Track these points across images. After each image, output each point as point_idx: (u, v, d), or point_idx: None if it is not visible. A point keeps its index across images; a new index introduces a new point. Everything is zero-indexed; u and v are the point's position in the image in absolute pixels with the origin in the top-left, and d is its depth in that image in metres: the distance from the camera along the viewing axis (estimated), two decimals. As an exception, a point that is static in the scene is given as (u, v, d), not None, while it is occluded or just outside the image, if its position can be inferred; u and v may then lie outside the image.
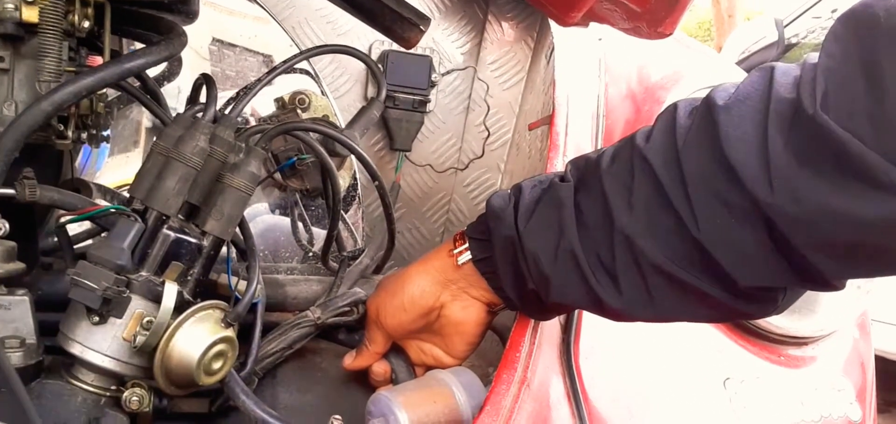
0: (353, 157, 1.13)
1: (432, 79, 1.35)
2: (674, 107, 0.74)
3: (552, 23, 1.20)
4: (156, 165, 0.81)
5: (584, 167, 0.81)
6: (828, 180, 0.60)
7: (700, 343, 1.05)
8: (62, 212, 0.86)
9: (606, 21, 1.06)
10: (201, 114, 0.87)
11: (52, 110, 0.76)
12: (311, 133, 0.93)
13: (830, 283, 0.67)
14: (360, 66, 1.33)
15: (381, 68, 1.27)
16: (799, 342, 1.12)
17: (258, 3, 1.20)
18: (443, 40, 1.36)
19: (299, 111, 1.04)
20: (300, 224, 1.17)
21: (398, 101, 1.32)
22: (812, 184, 0.61)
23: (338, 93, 1.30)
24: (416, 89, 1.33)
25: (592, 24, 1.10)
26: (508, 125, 1.39)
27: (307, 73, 1.24)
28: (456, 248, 0.90)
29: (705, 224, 0.68)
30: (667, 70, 1.27)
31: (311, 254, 1.17)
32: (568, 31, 1.21)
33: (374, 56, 1.32)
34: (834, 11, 3.62)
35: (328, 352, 1.05)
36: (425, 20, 0.97)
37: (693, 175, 0.68)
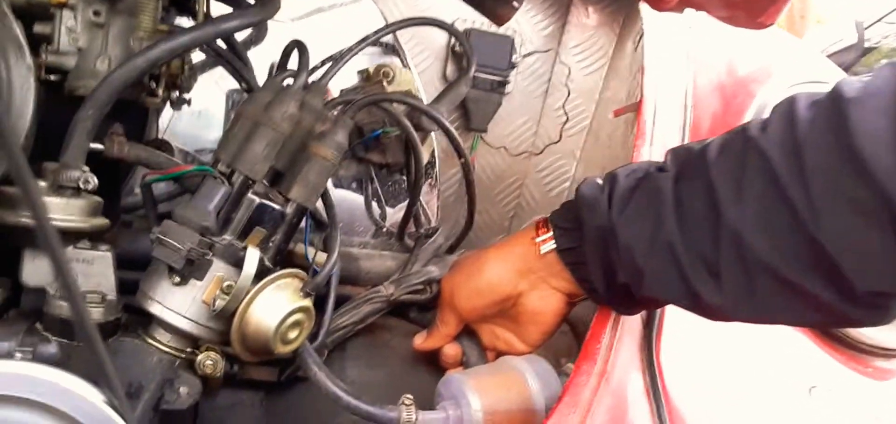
0: (432, 136, 1.11)
1: (513, 60, 1.32)
2: (792, 98, 0.69)
3: (644, 7, 1.16)
4: (243, 129, 0.81)
5: (686, 157, 0.77)
6: None
7: (786, 348, 1.00)
8: (146, 171, 0.86)
9: (703, 7, 1.02)
10: (291, 81, 0.86)
11: (147, 67, 0.76)
12: (398, 106, 0.92)
13: None
14: (441, 42, 1.31)
15: (464, 52, 1.24)
16: (889, 353, 1.06)
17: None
18: (525, 21, 1.33)
19: (384, 84, 1.03)
20: (374, 201, 1.16)
21: (478, 80, 1.29)
22: None
23: (418, 68, 1.28)
24: (497, 69, 1.31)
25: (687, 11, 1.06)
26: (587, 111, 1.36)
27: (391, 47, 1.23)
28: (539, 235, 0.87)
29: (827, 222, 0.64)
30: (757, 64, 1.22)
31: (384, 230, 1.16)
32: (657, 18, 1.17)
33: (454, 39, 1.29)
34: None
35: (399, 330, 1.04)
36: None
37: (816, 169, 0.64)
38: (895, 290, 0.65)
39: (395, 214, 1.22)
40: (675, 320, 0.92)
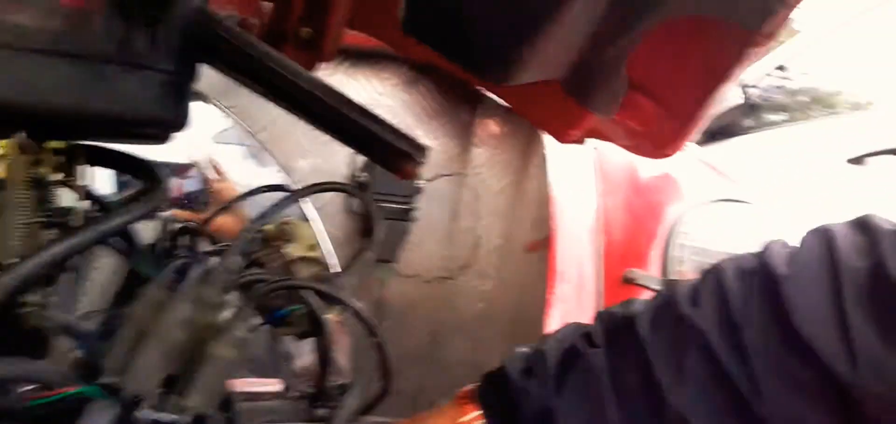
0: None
1: (418, 186, 1.29)
2: (718, 271, 0.68)
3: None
4: (131, 335, 0.73)
5: (615, 330, 0.73)
6: None
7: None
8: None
9: (606, 138, 1.01)
10: (185, 269, 0.79)
11: (15, 286, 0.68)
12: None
13: None
14: (342, 171, 1.27)
15: (368, 175, 1.21)
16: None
17: (236, 120, 1.13)
18: (428, 144, 1.30)
19: (285, 246, 0.97)
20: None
21: (384, 210, 1.26)
22: None
23: (319, 200, 1.23)
24: (402, 198, 1.27)
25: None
26: (498, 230, 1.33)
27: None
28: (466, 414, 0.82)
29: (772, 402, 0.61)
30: (660, 177, 1.23)
31: (297, 394, 1.09)
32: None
33: (358, 164, 1.26)
34: (779, 67, 3.66)
35: None
36: (422, 151, 0.91)
37: (757, 349, 0.62)
38: None
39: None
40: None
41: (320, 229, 1.13)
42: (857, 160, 2.81)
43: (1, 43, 0.65)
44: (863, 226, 0.62)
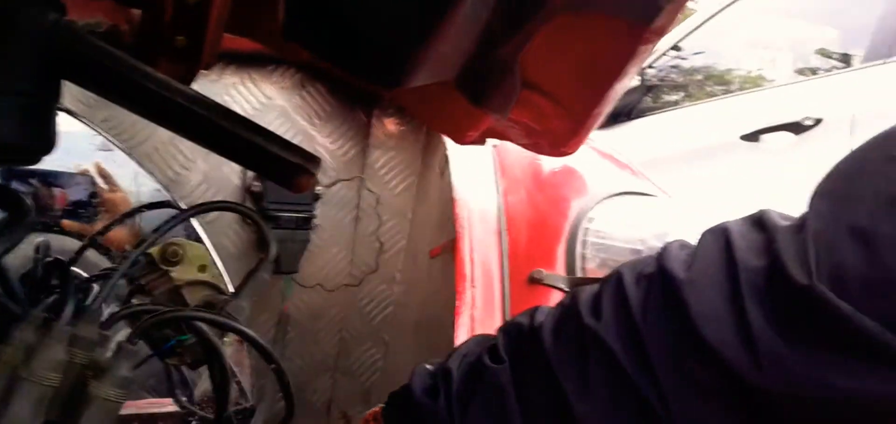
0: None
1: (316, 192, 1.25)
2: (617, 276, 0.67)
3: (445, 134, 1.13)
4: (2, 382, 0.67)
5: (519, 340, 0.72)
6: (825, 356, 0.55)
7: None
8: None
9: (505, 137, 1.00)
10: (58, 305, 0.73)
11: None
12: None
13: None
14: (235, 184, 1.22)
15: (261, 184, 1.16)
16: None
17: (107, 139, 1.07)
18: (324, 149, 1.27)
19: (171, 271, 0.91)
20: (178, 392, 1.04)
21: (281, 220, 1.21)
22: (806, 361, 0.55)
23: (210, 214, 1.18)
24: (300, 205, 1.23)
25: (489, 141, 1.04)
26: (402, 233, 1.31)
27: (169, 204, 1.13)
28: None
29: (677, 407, 0.61)
30: (557, 165, 1.22)
31: (195, 420, 1.04)
32: (460, 141, 1.14)
33: (251, 173, 1.21)
34: (674, 47, 3.77)
35: None
36: (314, 162, 0.87)
37: (660, 356, 0.61)
38: None
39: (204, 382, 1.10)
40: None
41: (210, 248, 1.08)
42: (751, 137, 2.91)
43: None
44: (759, 223, 0.62)
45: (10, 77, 0.68)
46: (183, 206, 1.18)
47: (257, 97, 1.24)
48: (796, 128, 2.79)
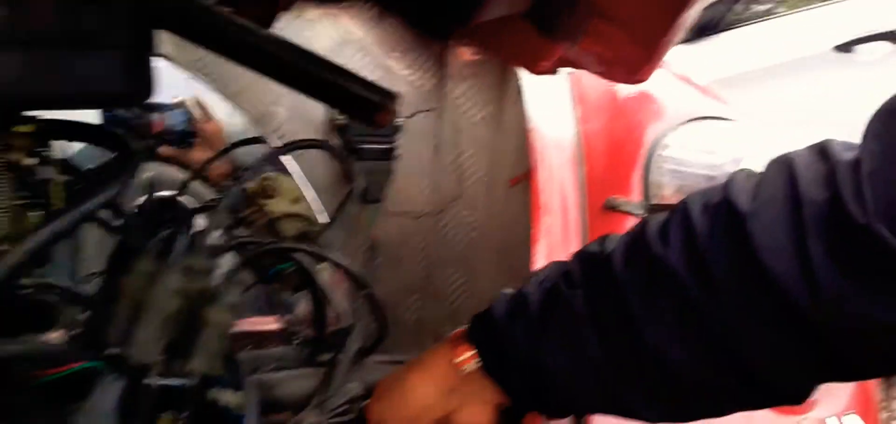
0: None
1: (397, 123, 1.30)
2: (684, 205, 0.70)
3: (520, 64, 1.16)
4: (127, 309, 0.76)
5: (592, 267, 0.76)
6: (880, 293, 0.57)
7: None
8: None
9: (578, 65, 1.03)
10: (172, 238, 0.82)
11: (5, 275, 0.71)
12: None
13: (867, 378, 0.66)
14: (319, 117, 1.28)
15: (347, 125, 1.22)
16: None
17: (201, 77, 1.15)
18: (402, 81, 1.31)
19: (267, 203, 0.99)
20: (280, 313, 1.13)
21: (365, 151, 1.27)
22: (861, 295, 0.58)
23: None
24: (382, 137, 1.28)
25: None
26: (481, 162, 1.35)
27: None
28: (458, 356, 0.85)
29: (741, 333, 0.65)
30: (633, 90, 1.23)
31: (297, 342, 1.13)
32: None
33: (336, 108, 1.27)
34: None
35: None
36: (392, 98, 0.92)
37: (724, 283, 0.65)
38: (813, 384, 0.67)
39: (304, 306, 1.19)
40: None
41: (302, 181, 1.15)
42: (844, 48, 2.79)
43: None
44: (823, 153, 0.64)
45: (111, 33, 0.75)
46: (274, 140, 1.26)
47: (337, 31, 1.29)
48: (894, 36, 2.67)
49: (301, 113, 1.27)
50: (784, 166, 0.65)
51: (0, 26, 0.67)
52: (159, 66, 0.82)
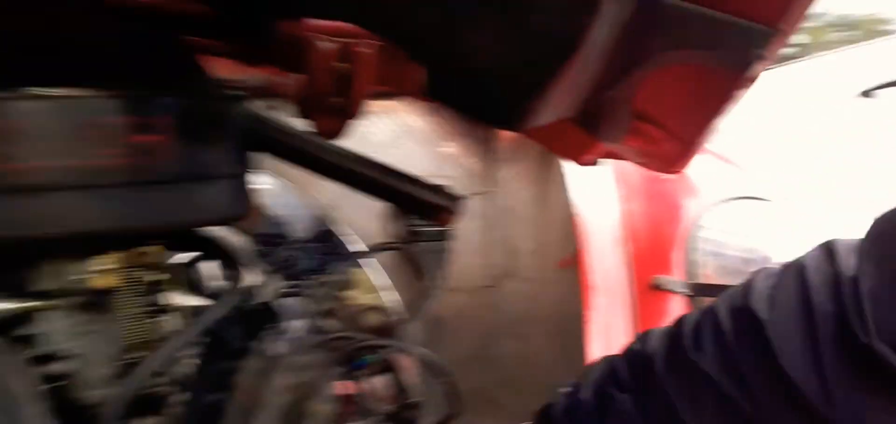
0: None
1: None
2: (713, 309, 0.79)
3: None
4: (241, 403, 0.88)
5: (639, 370, 0.85)
6: (889, 407, 0.65)
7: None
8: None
9: (619, 157, 1.13)
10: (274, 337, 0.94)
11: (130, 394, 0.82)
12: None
13: None
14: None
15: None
16: None
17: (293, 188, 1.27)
18: (456, 166, 1.43)
19: (348, 294, 1.10)
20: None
21: (423, 234, 1.39)
22: (872, 405, 0.66)
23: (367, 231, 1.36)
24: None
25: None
26: (530, 237, 1.46)
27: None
28: None
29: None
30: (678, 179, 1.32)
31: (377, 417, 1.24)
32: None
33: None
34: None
35: None
36: (456, 200, 1.04)
37: (755, 382, 0.72)
38: None
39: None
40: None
41: (373, 272, 1.26)
42: (868, 93, 2.84)
43: (85, 183, 0.76)
44: (830, 255, 0.71)
45: (224, 164, 0.87)
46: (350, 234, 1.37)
47: (396, 124, 1.42)
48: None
49: (364, 203, 1.38)
50: (797, 273, 0.73)
51: (124, 171, 0.78)
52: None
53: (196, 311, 0.89)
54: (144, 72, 0.79)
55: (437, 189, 1.04)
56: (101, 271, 0.85)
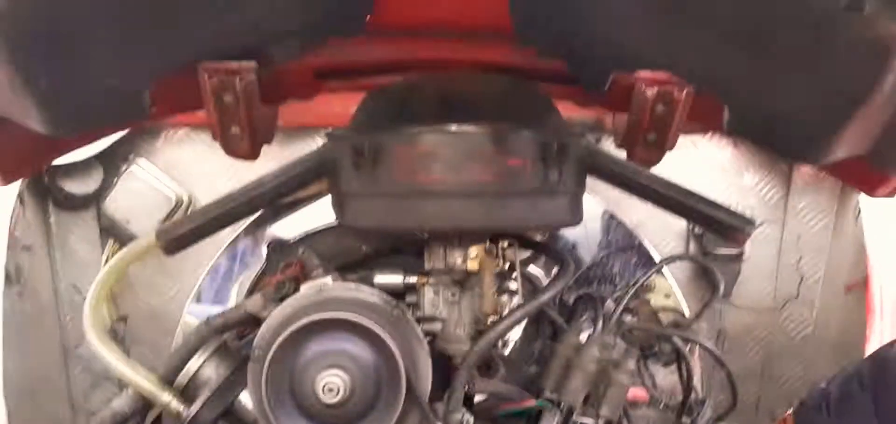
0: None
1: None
2: None
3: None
4: (559, 364, 1.13)
5: (879, 373, 0.95)
6: None
7: None
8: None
9: (908, 192, 1.21)
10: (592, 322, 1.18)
11: (497, 338, 1.10)
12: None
13: None
14: (680, 227, 1.58)
15: (703, 234, 1.51)
16: None
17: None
18: (753, 195, 1.57)
19: (650, 297, 1.31)
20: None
21: (717, 256, 1.55)
22: None
23: (664, 247, 1.55)
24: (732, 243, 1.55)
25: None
26: (819, 265, 1.56)
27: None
28: None
29: None
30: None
31: (661, 405, 1.43)
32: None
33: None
34: None
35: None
36: (749, 224, 1.20)
37: None
38: None
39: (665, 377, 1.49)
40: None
41: (671, 280, 1.45)
42: None
43: (471, 193, 1.04)
44: None
45: (565, 183, 1.11)
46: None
47: (698, 154, 1.59)
48: None
49: (665, 224, 1.57)
50: None
51: (503, 184, 1.05)
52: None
53: (532, 294, 1.16)
54: (516, 113, 1.07)
55: (732, 213, 1.21)
56: (471, 258, 1.14)
